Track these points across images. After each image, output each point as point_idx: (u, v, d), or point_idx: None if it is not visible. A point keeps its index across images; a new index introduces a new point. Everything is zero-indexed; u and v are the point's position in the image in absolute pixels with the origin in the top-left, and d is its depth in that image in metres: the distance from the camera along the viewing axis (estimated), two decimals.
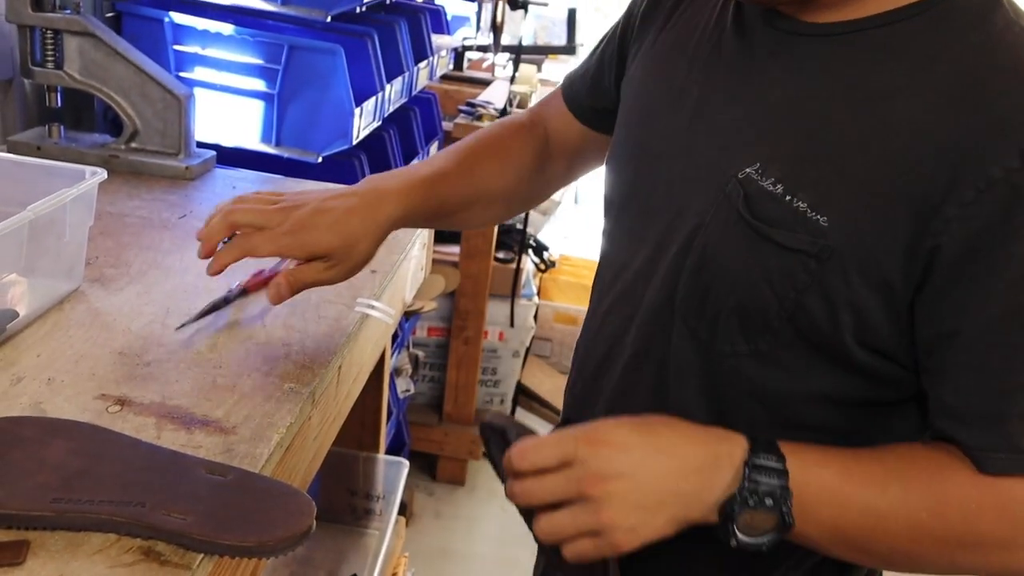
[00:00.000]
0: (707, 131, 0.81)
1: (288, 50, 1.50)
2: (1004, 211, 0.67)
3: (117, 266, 1.09)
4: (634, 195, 0.90)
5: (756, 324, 0.77)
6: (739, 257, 0.76)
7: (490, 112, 2.45)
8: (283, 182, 1.46)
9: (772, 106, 0.77)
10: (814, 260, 0.72)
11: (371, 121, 1.65)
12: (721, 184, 0.78)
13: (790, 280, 0.74)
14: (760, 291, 0.75)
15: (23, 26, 1.38)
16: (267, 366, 0.91)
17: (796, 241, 0.73)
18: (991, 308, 0.69)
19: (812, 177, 0.73)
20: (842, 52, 0.75)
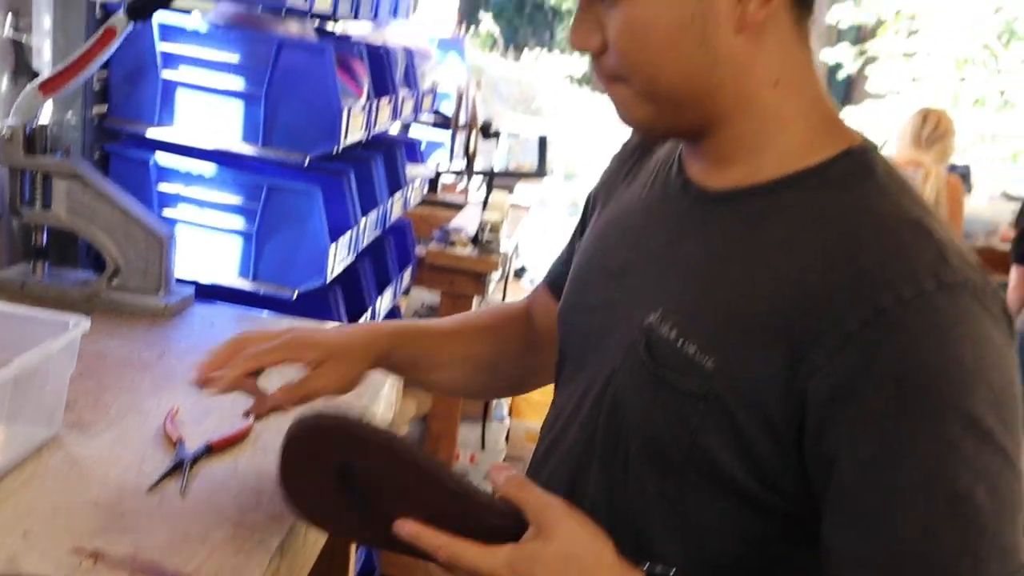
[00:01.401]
0: (628, 287, 0.89)
1: (267, 190, 1.57)
2: (861, 363, 0.71)
3: (95, 410, 1.12)
4: (570, 348, 0.97)
5: (661, 464, 0.81)
6: (642, 399, 0.82)
7: (462, 239, 2.52)
8: (260, 319, 1.50)
9: (678, 263, 0.85)
10: (702, 402, 0.78)
11: (346, 256, 1.70)
12: (628, 334, 0.85)
13: (684, 421, 0.79)
14: (661, 432, 0.81)
15: (14, 169, 1.44)
16: (239, 516, 0.94)
17: (686, 384, 0.79)
18: (855, 455, 0.72)
19: (702, 324, 0.80)
20: (736, 215, 0.83)
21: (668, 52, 0.79)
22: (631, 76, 0.82)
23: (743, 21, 0.78)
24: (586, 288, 0.96)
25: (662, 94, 0.82)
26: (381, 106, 1.83)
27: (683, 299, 0.82)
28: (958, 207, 3.36)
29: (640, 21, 0.79)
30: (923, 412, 0.70)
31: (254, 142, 1.58)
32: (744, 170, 0.83)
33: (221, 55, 1.55)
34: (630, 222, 0.94)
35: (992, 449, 0.71)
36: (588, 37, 0.82)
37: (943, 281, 0.72)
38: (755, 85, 0.82)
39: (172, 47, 1.57)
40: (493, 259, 2.48)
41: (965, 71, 10.23)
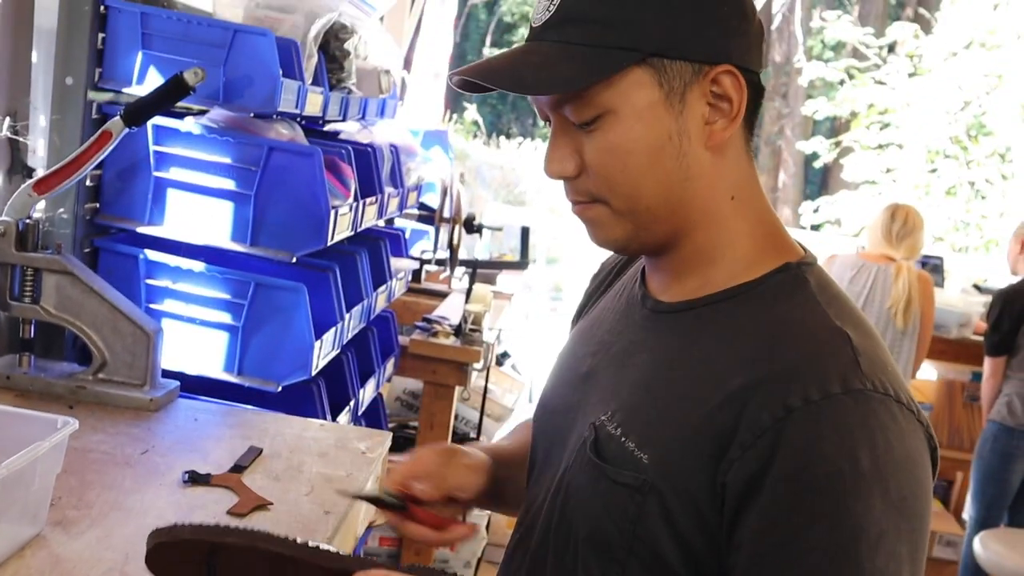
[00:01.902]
0: (589, 390, 0.94)
1: (254, 286, 1.60)
2: (768, 457, 0.76)
3: (79, 507, 1.14)
4: (539, 448, 1.02)
5: (606, 554, 0.85)
6: (587, 492, 0.87)
7: (445, 328, 2.56)
8: (244, 414, 1.52)
9: (631, 368, 0.91)
10: (638, 493, 0.82)
11: (330, 350, 1.73)
12: (582, 431, 0.90)
13: (623, 513, 0.83)
14: (603, 523, 0.85)
15: (4, 264, 1.47)
16: None
17: (624, 477, 0.83)
18: (752, 547, 0.76)
19: (641, 422, 0.85)
20: (681, 326, 0.89)
21: (648, 169, 0.85)
22: (611, 195, 0.87)
23: (711, 139, 0.85)
24: (555, 392, 1.02)
25: (640, 210, 0.87)
26: (367, 205, 1.88)
27: (629, 400, 0.88)
28: (930, 302, 3.42)
29: (622, 142, 0.84)
30: (814, 513, 0.74)
31: (243, 240, 1.62)
32: (697, 283, 0.90)
33: (213, 157, 1.60)
34: (597, 331, 1.00)
35: (886, 553, 0.74)
36: (564, 164, 0.87)
37: (850, 386, 0.77)
38: (717, 199, 0.88)
39: (165, 148, 1.62)
40: (475, 349, 2.51)
41: (936, 163, 10.49)
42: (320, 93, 1.78)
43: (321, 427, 1.53)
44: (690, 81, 0.83)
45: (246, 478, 1.28)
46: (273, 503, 1.21)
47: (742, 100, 0.85)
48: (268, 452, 1.38)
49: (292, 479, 1.30)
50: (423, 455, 1.05)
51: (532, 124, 18.98)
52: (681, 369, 0.86)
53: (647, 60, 0.82)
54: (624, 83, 0.83)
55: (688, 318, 0.89)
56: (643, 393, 0.87)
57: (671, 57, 0.83)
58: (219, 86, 1.57)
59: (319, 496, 1.26)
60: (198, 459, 1.32)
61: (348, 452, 1.42)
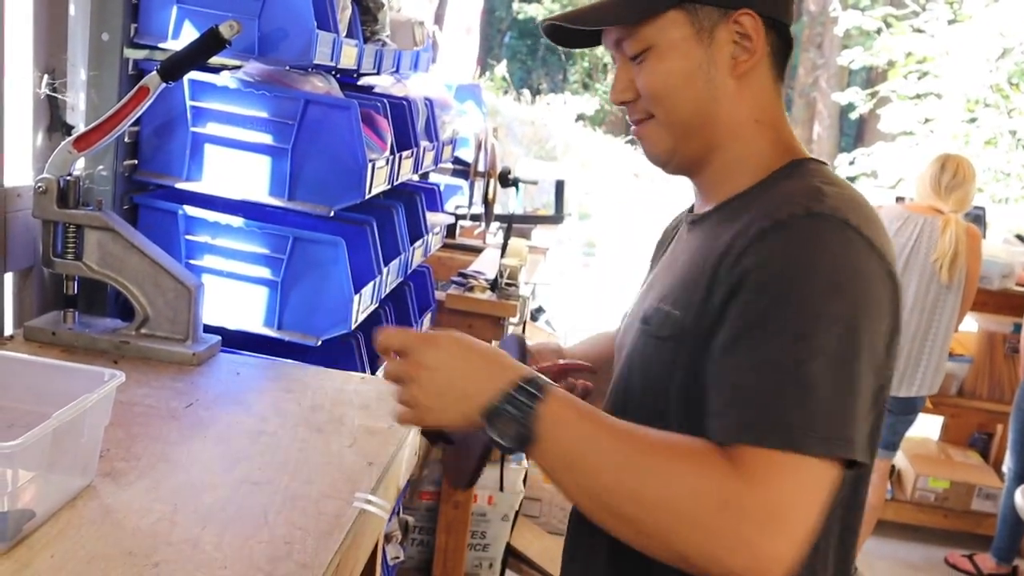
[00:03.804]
0: (645, 296, 1.16)
1: (293, 241, 1.60)
2: (745, 269, 0.95)
3: (127, 459, 1.15)
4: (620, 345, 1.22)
5: (653, 401, 1.05)
6: (640, 355, 1.09)
7: (481, 283, 2.55)
8: (285, 368, 1.53)
9: (675, 263, 1.13)
10: (672, 341, 1.03)
11: (369, 304, 1.74)
12: (638, 318, 1.12)
13: (664, 361, 1.04)
14: (651, 373, 1.06)
15: (47, 221, 1.48)
16: (270, 566, 0.96)
17: (663, 331, 1.05)
18: (729, 331, 0.94)
19: (673, 291, 1.06)
20: (707, 226, 1.09)
21: (683, 89, 1.06)
22: (656, 110, 1.08)
23: (735, 69, 1.06)
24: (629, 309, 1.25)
25: (678, 122, 1.08)
26: (403, 159, 1.87)
27: (668, 286, 1.09)
28: (976, 257, 3.31)
29: (662, 67, 1.06)
30: (780, 305, 0.91)
31: (280, 195, 1.62)
32: (723, 191, 1.10)
33: (249, 111, 1.60)
34: (664, 258, 1.23)
35: (838, 341, 0.90)
36: (624, 92, 1.11)
37: (812, 210, 0.95)
38: (741, 120, 1.08)
39: (202, 103, 1.61)
40: (511, 304, 2.51)
41: (976, 112, 10.26)
42: (355, 46, 1.76)
43: (362, 380, 1.54)
44: (716, 21, 1.05)
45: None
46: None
47: (760, 38, 1.05)
48: (310, 404, 1.39)
49: (334, 431, 1.31)
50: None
51: (562, 80, 18.79)
52: (703, 248, 1.06)
53: (682, 4, 1.04)
54: (663, 22, 1.05)
55: (713, 218, 1.09)
56: (677, 274, 1.08)
57: (701, 2, 1.04)
58: (254, 39, 1.56)
59: (362, 448, 1.27)
60: (241, 412, 1.34)
61: (389, 404, 1.42)
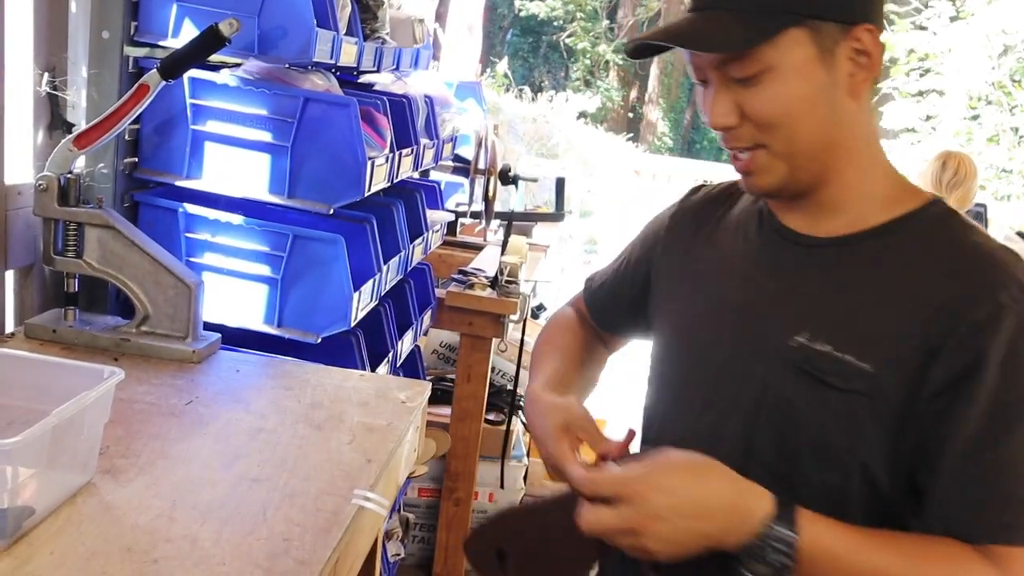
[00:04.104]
0: (756, 319, 1.06)
1: (292, 238, 1.61)
2: (984, 345, 0.92)
3: (127, 456, 1.16)
4: (694, 374, 1.13)
5: (828, 461, 1.00)
6: (806, 402, 1.00)
7: (481, 280, 2.56)
8: (284, 366, 1.54)
9: (809, 295, 1.04)
10: (866, 399, 0.97)
11: (369, 302, 1.74)
12: (778, 353, 1.02)
13: (850, 417, 0.97)
14: (830, 431, 0.99)
15: (48, 219, 1.48)
16: (268, 562, 0.97)
17: (851, 384, 0.97)
18: (970, 427, 0.92)
19: (853, 338, 0.99)
20: (855, 255, 1.03)
21: (805, 115, 0.98)
22: (772, 139, 1.00)
23: (853, 89, 0.99)
24: (705, 324, 1.13)
25: (798, 151, 1.00)
26: (403, 156, 1.87)
27: (828, 322, 1.01)
28: None
29: (782, 92, 0.97)
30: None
31: (280, 193, 1.62)
32: (846, 220, 1.04)
33: (249, 109, 1.60)
34: (734, 267, 1.13)
35: None
36: (728, 116, 1.00)
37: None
38: (859, 143, 1.03)
39: (202, 101, 1.62)
40: (512, 301, 2.52)
41: (978, 109, 10.25)
42: (354, 43, 1.77)
43: (361, 377, 1.55)
44: (838, 38, 0.97)
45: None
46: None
47: (879, 54, 0.98)
48: (309, 402, 1.40)
49: (334, 428, 1.31)
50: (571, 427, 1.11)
51: (564, 77, 18.80)
52: (872, 292, 1.00)
53: (803, 22, 0.95)
54: (784, 42, 0.96)
55: (860, 249, 1.03)
56: (842, 314, 1.00)
57: (823, 18, 0.96)
58: (254, 37, 1.57)
59: (361, 445, 1.27)
60: (241, 409, 1.34)
61: (388, 402, 1.44)
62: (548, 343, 1.34)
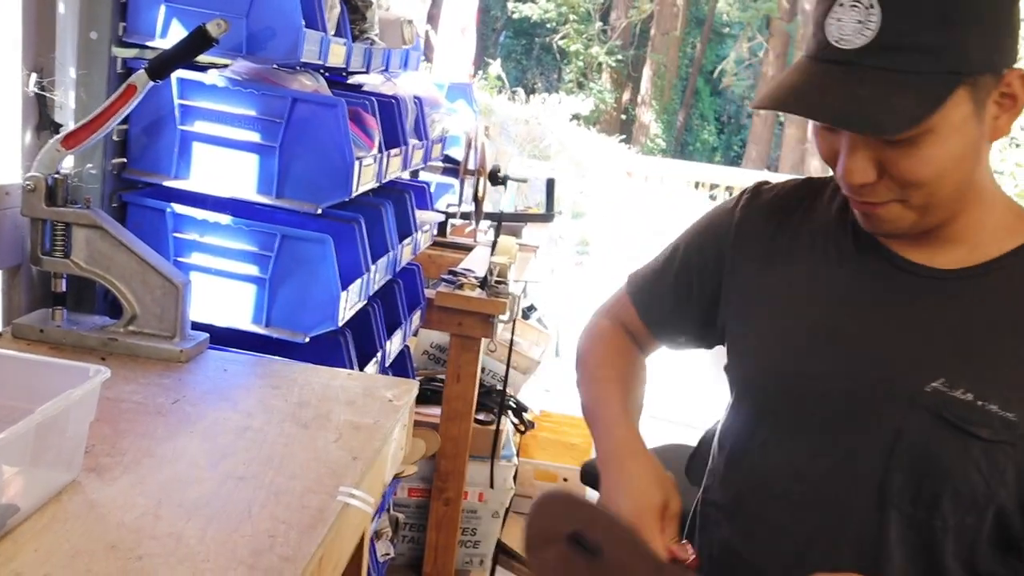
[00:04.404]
0: (871, 360, 1.03)
1: (280, 238, 1.61)
2: None
3: (112, 455, 1.16)
4: (795, 407, 1.08)
5: (967, 505, 0.99)
6: (950, 451, 0.98)
7: (471, 281, 2.56)
8: (272, 365, 1.54)
9: (935, 335, 1.00)
10: (1011, 447, 0.96)
11: (357, 301, 1.75)
12: (911, 397, 0.99)
13: (994, 465, 0.97)
14: (971, 478, 0.98)
15: (36, 219, 1.49)
16: (252, 559, 0.97)
17: (997, 435, 0.96)
18: None
19: (996, 386, 0.97)
20: (976, 289, 1.00)
21: (954, 173, 0.95)
22: (912, 195, 0.96)
23: (995, 134, 0.95)
24: (814, 357, 1.07)
25: (936, 203, 0.97)
26: (391, 157, 1.88)
27: (966, 366, 0.98)
28: None
29: (936, 154, 0.92)
30: None
31: (268, 193, 1.63)
32: (964, 250, 1.01)
33: (237, 109, 1.61)
34: (835, 293, 1.07)
35: None
36: (867, 174, 0.95)
37: None
38: (987, 180, 1.00)
39: (190, 102, 1.62)
40: (501, 301, 2.52)
41: None
42: (343, 44, 1.77)
43: (349, 376, 1.55)
44: (991, 88, 0.93)
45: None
46: None
47: (1022, 96, 0.94)
48: (297, 401, 1.40)
49: (320, 427, 1.32)
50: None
51: (557, 79, 18.82)
52: (1008, 331, 0.98)
53: (966, 80, 0.90)
54: (948, 104, 0.90)
55: (983, 283, 1.00)
56: (979, 359, 0.98)
57: (982, 72, 0.91)
58: (242, 38, 1.57)
59: (347, 443, 1.28)
60: (228, 408, 1.35)
61: (375, 400, 1.44)
62: (605, 366, 1.28)
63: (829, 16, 0.92)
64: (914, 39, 0.88)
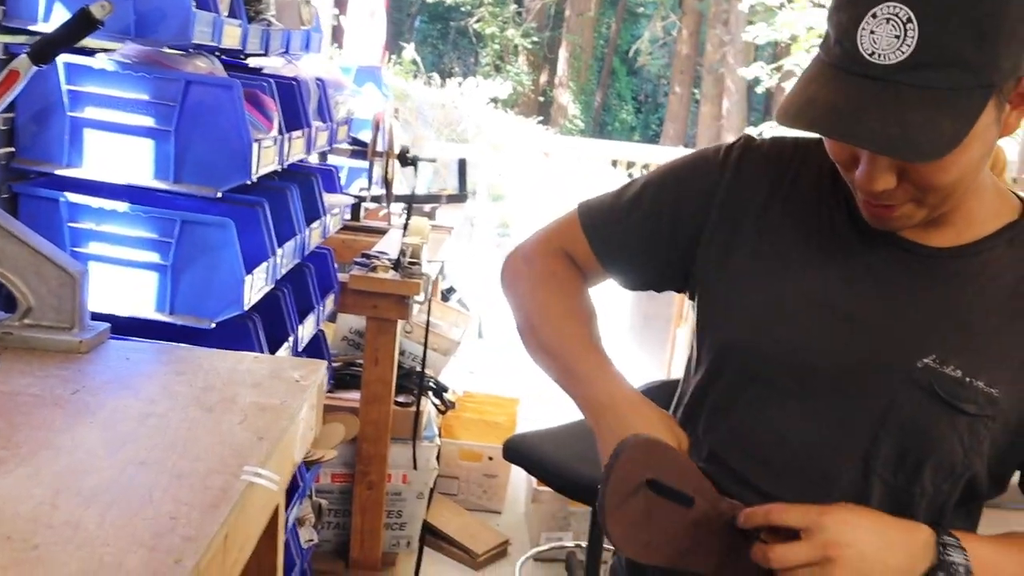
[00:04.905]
0: (865, 334, 1.05)
1: (181, 224, 1.59)
2: None
3: (7, 448, 1.13)
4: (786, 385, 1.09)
5: (944, 473, 1.04)
6: (938, 425, 1.02)
7: (384, 263, 2.56)
8: (177, 352, 1.52)
9: (927, 312, 1.03)
10: (991, 420, 1.01)
11: (263, 285, 1.73)
12: (903, 373, 1.02)
13: (975, 437, 1.02)
14: (952, 449, 1.02)
15: None
16: (154, 540, 0.96)
17: (981, 410, 1.00)
18: None
19: (984, 363, 1.01)
20: (968, 268, 1.03)
21: (973, 175, 0.96)
22: (929, 198, 0.96)
23: (1005, 130, 0.94)
24: (809, 327, 1.08)
25: (947, 201, 0.98)
26: (293, 139, 1.86)
27: (954, 342, 1.02)
28: None
29: (960, 162, 0.92)
30: None
31: (165, 178, 1.60)
32: (954, 231, 1.04)
33: (129, 94, 1.58)
34: (830, 264, 1.08)
35: None
36: (888, 180, 0.94)
37: None
38: (986, 171, 1.02)
39: (79, 87, 1.58)
40: (415, 282, 2.52)
41: None
42: (238, 25, 1.75)
43: (255, 359, 1.54)
44: (1011, 91, 0.92)
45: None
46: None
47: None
48: (202, 385, 1.39)
49: (226, 410, 1.31)
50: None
51: (474, 63, 18.78)
52: (996, 309, 1.02)
53: (993, 90, 0.89)
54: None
55: (973, 263, 1.03)
56: (967, 336, 1.02)
57: (1008, 80, 0.90)
58: (130, 20, 1.54)
59: (252, 424, 1.27)
60: (130, 396, 1.32)
61: (282, 381, 1.43)
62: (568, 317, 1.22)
63: (861, 27, 0.88)
64: (953, 56, 0.86)
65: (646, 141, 18.48)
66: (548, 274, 1.25)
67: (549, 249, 1.27)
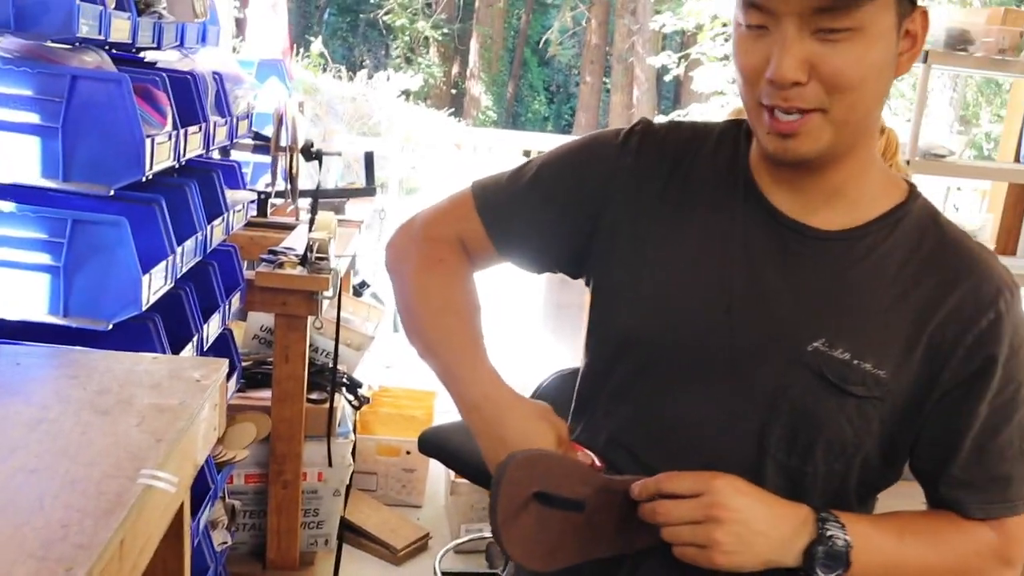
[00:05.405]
0: (757, 319, 1.06)
1: (72, 224, 1.54)
2: (994, 345, 1.02)
3: None
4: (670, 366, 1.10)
5: (836, 454, 1.06)
6: (826, 407, 1.04)
7: (291, 259, 2.52)
8: (69, 355, 1.48)
9: (816, 297, 1.05)
10: (879, 401, 1.03)
11: (162, 284, 1.69)
12: (793, 356, 1.04)
13: (864, 418, 1.04)
14: (843, 430, 1.04)
15: None
16: (43, 550, 0.93)
17: (869, 392, 1.03)
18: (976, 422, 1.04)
19: (870, 345, 1.03)
20: (854, 251, 1.05)
21: (873, 85, 0.97)
22: (835, 103, 0.96)
23: (899, 69, 1.00)
24: (704, 311, 1.08)
25: (853, 120, 0.98)
26: (190, 134, 1.82)
27: (843, 326, 1.04)
28: None
29: (864, 56, 0.94)
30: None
31: (54, 176, 1.55)
32: (842, 209, 1.06)
33: (10, 89, 1.52)
34: (726, 248, 1.09)
35: None
36: (799, 71, 0.94)
37: (1016, 285, 1.05)
38: (874, 129, 1.05)
39: None
40: (323, 277, 2.50)
41: None
42: (127, 18, 1.70)
43: (154, 360, 1.50)
44: (905, 14, 0.97)
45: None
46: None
47: (923, 40, 0.99)
48: (96, 388, 1.35)
49: (122, 412, 1.27)
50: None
51: (384, 56, 18.62)
52: (882, 292, 1.04)
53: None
54: (877, 5, 0.93)
55: (860, 246, 1.05)
56: (855, 319, 1.04)
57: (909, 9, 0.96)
58: (9, 13, 1.48)
59: (150, 426, 1.24)
60: (19, 402, 1.28)
61: (182, 381, 1.40)
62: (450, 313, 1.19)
63: None
64: None
65: (559, 131, 18.58)
66: (435, 260, 1.22)
67: (440, 233, 1.24)
